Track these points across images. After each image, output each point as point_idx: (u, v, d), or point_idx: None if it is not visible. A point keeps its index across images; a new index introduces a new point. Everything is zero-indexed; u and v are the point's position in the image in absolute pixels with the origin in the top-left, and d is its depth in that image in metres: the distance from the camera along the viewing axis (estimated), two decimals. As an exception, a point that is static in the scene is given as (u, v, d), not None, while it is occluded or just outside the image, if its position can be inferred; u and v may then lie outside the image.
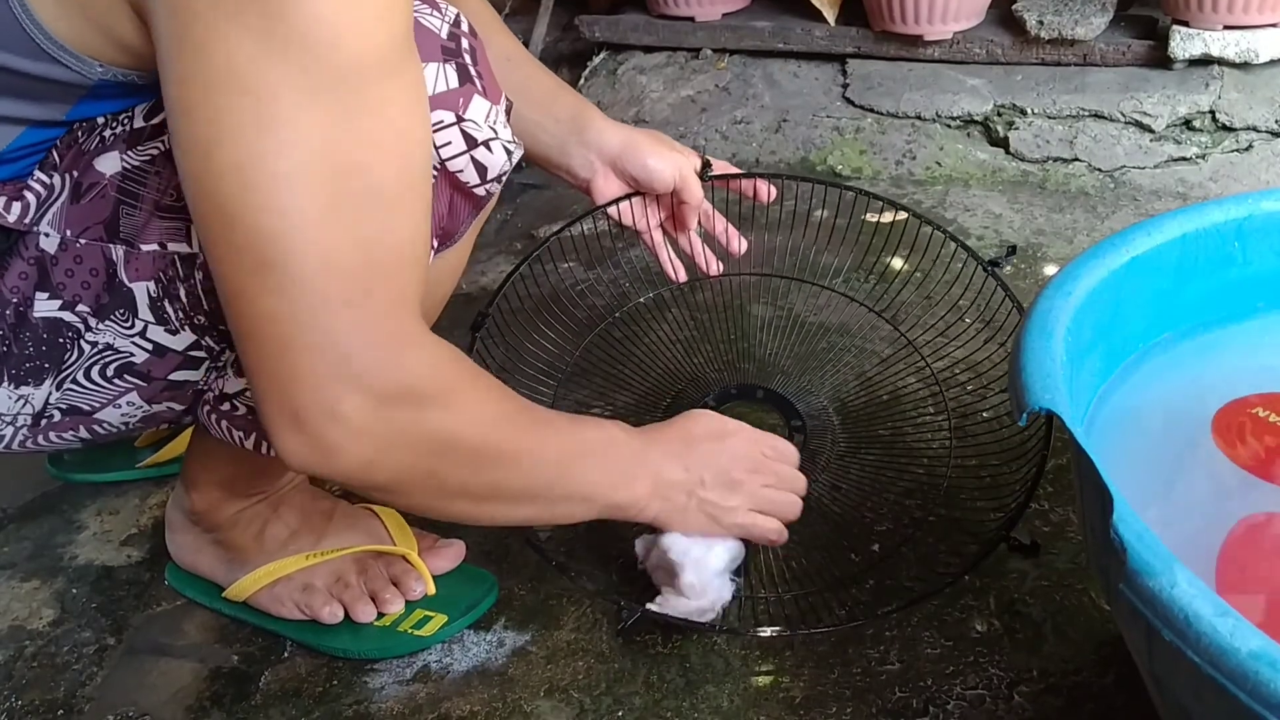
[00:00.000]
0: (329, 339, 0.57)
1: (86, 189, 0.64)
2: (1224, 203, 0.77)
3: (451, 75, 0.67)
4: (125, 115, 0.65)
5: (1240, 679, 0.44)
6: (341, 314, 0.57)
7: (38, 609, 0.94)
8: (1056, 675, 0.77)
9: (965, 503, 0.90)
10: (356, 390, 0.58)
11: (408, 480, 0.63)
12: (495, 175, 0.72)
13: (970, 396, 1.00)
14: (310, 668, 0.85)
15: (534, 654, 0.83)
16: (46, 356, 0.67)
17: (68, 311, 0.66)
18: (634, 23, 1.89)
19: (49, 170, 0.65)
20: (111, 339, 0.67)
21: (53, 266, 0.65)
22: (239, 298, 0.57)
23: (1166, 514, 0.67)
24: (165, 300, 0.66)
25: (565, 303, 1.09)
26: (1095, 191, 1.48)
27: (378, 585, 0.86)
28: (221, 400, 0.72)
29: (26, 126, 0.62)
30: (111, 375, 0.68)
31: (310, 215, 0.55)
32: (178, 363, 0.69)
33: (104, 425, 0.71)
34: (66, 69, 0.59)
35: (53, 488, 1.09)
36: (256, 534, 0.87)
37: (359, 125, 0.55)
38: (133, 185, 0.64)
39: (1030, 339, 0.64)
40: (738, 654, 0.81)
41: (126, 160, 0.64)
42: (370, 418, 0.59)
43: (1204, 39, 1.51)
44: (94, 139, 0.64)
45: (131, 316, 0.66)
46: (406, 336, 0.60)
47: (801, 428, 0.98)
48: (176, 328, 0.67)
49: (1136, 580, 0.49)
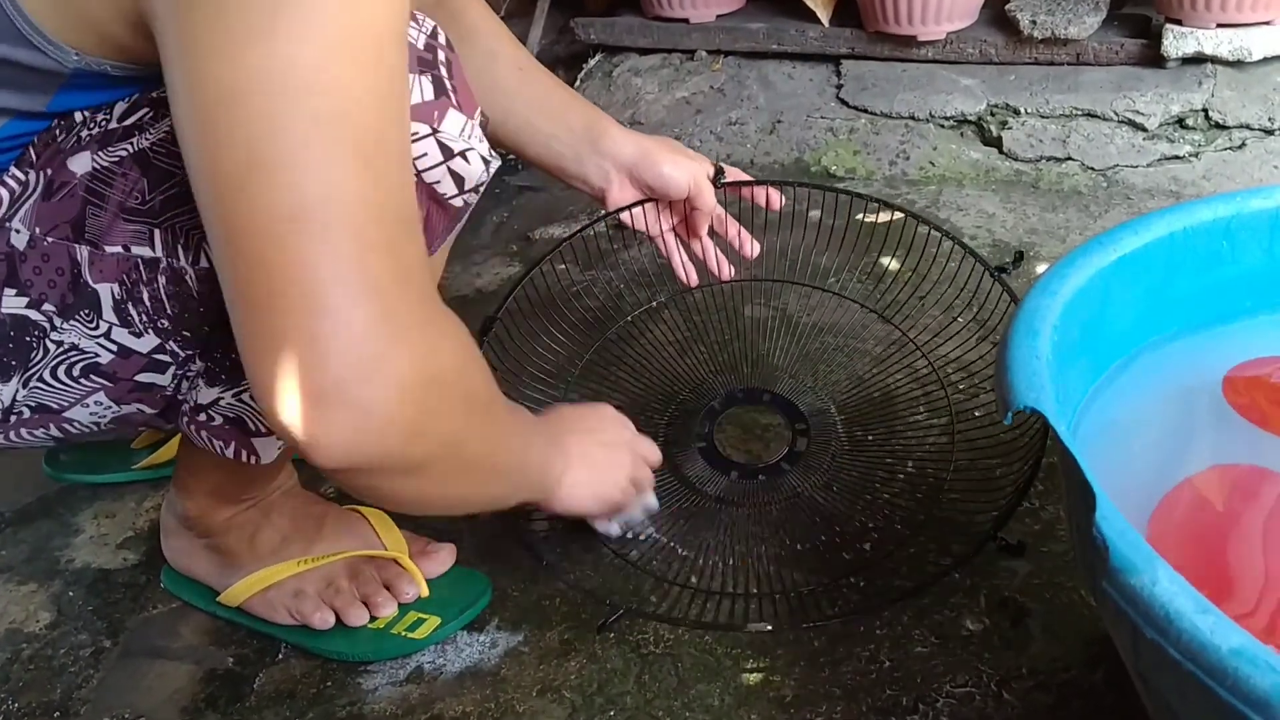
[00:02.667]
0: (373, 288, 0.53)
1: (58, 187, 0.64)
2: (1213, 201, 0.77)
3: (428, 87, 0.67)
4: (102, 116, 0.65)
5: (1220, 675, 0.44)
6: (385, 261, 0.53)
7: (34, 612, 0.95)
8: (1046, 673, 0.77)
9: (958, 502, 0.91)
10: (401, 341, 0.54)
11: (436, 455, 0.60)
12: (472, 186, 0.72)
13: (962, 395, 1.00)
14: (304, 669, 0.85)
15: (526, 654, 0.84)
16: (14, 354, 0.67)
17: (34, 310, 0.66)
18: (629, 25, 1.90)
19: (25, 167, 0.65)
20: (77, 339, 0.67)
21: (21, 263, 0.65)
22: (259, 263, 0.52)
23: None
24: (129, 303, 0.66)
25: (561, 305, 1.10)
26: (1088, 190, 1.48)
27: (370, 589, 0.87)
28: (198, 411, 0.72)
29: (11, 118, 0.63)
30: (78, 375, 0.68)
31: (350, 160, 0.52)
32: (143, 364, 0.69)
33: (74, 424, 0.71)
34: (44, 55, 0.59)
35: (49, 490, 1.10)
36: (249, 539, 0.87)
37: (377, 85, 0.54)
38: (100, 186, 0.64)
39: (1017, 338, 0.64)
40: (729, 653, 0.81)
41: (97, 160, 0.64)
42: (416, 374, 0.55)
43: (1197, 37, 1.52)
44: (71, 137, 0.65)
45: (96, 317, 0.66)
46: (433, 299, 0.59)
47: (805, 430, 0.98)
48: (140, 331, 0.67)
49: (1119, 578, 0.49)
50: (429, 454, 0.59)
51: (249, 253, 0.53)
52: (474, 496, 0.70)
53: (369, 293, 0.53)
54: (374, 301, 0.53)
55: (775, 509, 0.93)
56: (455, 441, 0.62)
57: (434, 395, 0.57)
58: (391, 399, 0.54)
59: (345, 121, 0.52)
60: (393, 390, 0.54)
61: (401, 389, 0.55)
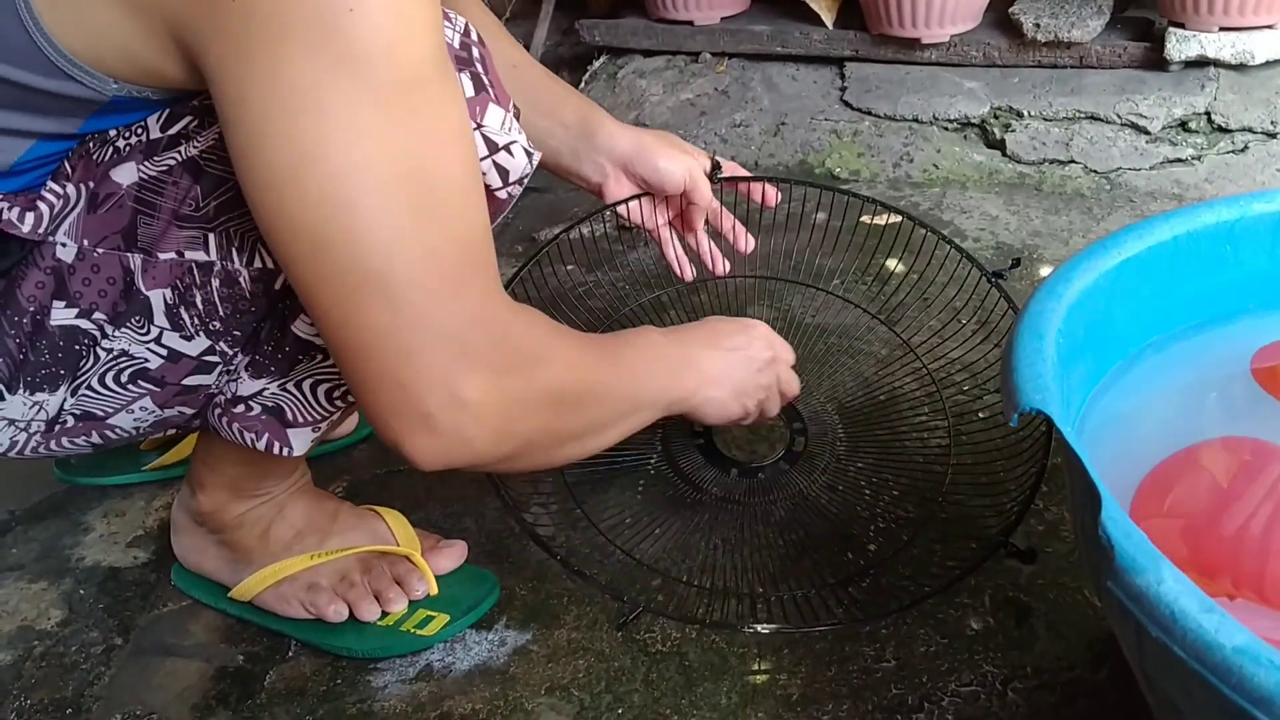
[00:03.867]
0: (444, 334, 0.59)
1: (104, 199, 0.65)
2: (1215, 205, 0.78)
3: (468, 84, 0.68)
4: (139, 126, 0.65)
5: (1225, 674, 0.45)
6: (450, 307, 0.59)
7: (46, 609, 0.96)
8: (1050, 671, 0.78)
9: (962, 503, 0.91)
10: (476, 373, 0.61)
11: (531, 441, 0.67)
12: (517, 178, 0.73)
13: (966, 397, 1.01)
14: (314, 667, 0.86)
15: (535, 653, 0.84)
16: (62, 363, 0.68)
17: (84, 319, 0.67)
18: (634, 27, 1.91)
19: (62, 180, 0.65)
20: (127, 345, 0.68)
21: (70, 275, 0.66)
22: (345, 324, 0.59)
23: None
24: (181, 307, 0.67)
25: (565, 308, 1.10)
26: (1091, 193, 1.49)
27: (382, 584, 0.88)
28: (234, 403, 0.73)
29: (37, 139, 0.63)
30: (126, 381, 0.70)
31: (405, 219, 0.57)
32: (192, 367, 0.70)
33: (116, 430, 0.73)
34: (81, 85, 0.59)
35: (59, 489, 1.10)
36: (261, 534, 0.88)
37: (428, 127, 0.58)
38: (150, 195, 0.65)
39: (1022, 341, 0.65)
40: (735, 652, 0.82)
41: (144, 170, 0.65)
42: (494, 395, 0.62)
43: (1200, 41, 1.52)
44: (107, 149, 0.65)
45: (147, 323, 0.67)
46: (503, 310, 0.64)
47: (803, 430, 0.99)
48: (191, 334, 0.68)
49: (1124, 578, 0.50)
50: (521, 446, 0.66)
51: (333, 317, 0.59)
52: (591, 449, 0.74)
53: (442, 340, 0.60)
54: (447, 346, 0.60)
55: (780, 509, 0.93)
56: (547, 430, 0.68)
57: (515, 408, 0.64)
58: (473, 423, 0.62)
59: (403, 183, 0.57)
60: (472, 416, 0.62)
61: (480, 414, 0.62)
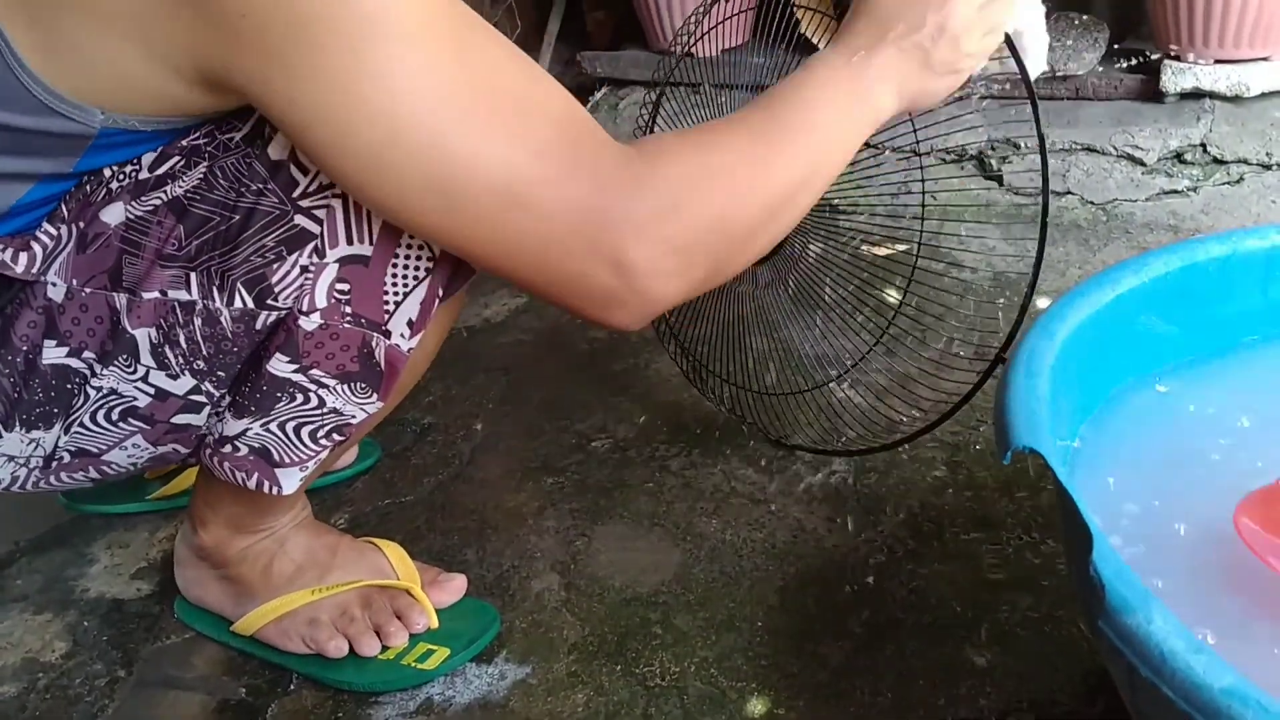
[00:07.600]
0: (583, 212, 0.62)
1: (92, 239, 0.66)
2: (1209, 241, 0.79)
3: None
4: (131, 167, 0.66)
5: (1213, 714, 0.45)
6: (575, 186, 0.61)
7: (50, 641, 0.96)
8: (1045, 705, 0.78)
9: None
10: (628, 234, 0.63)
11: (715, 256, 0.67)
12: None
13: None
14: (316, 700, 0.86)
15: (534, 686, 0.85)
16: (55, 402, 0.69)
17: (74, 358, 0.68)
18: (634, 58, 1.93)
19: (57, 222, 0.66)
20: (116, 384, 0.69)
21: (60, 315, 0.67)
22: (498, 246, 0.63)
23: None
24: (166, 346, 0.68)
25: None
26: (1088, 224, 1.50)
27: (382, 619, 0.88)
28: (222, 443, 0.74)
29: (36, 181, 0.64)
30: (116, 419, 0.70)
31: (498, 129, 0.60)
32: (179, 406, 0.71)
33: (112, 466, 0.74)
34: (68, 120, 0.60)
35: (64, 520, 1.11)
36: (263, 569, 0.89)
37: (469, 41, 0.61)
38: (135, 235, 0.66)
39: (1016, 379, 0.65)
40: (734, 685, 0.83)
41: (130, 210, 0.66)
42: (656, 246, 0.63)
43: (1195, 73, 1.54)
44: (100, 190, 0.66)
45: (134, 362, 0.68)
46: (622, 166, 0.64)
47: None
48: (177, 373, 0.69)
49: (1115, 617, 0.50)
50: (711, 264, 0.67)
51: (489, 249, 0.63)
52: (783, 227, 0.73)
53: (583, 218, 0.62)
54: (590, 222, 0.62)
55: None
56: (727, 239, 0.68)
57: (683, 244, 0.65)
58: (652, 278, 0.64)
59: (480, 98, 0.60)
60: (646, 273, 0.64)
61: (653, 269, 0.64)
